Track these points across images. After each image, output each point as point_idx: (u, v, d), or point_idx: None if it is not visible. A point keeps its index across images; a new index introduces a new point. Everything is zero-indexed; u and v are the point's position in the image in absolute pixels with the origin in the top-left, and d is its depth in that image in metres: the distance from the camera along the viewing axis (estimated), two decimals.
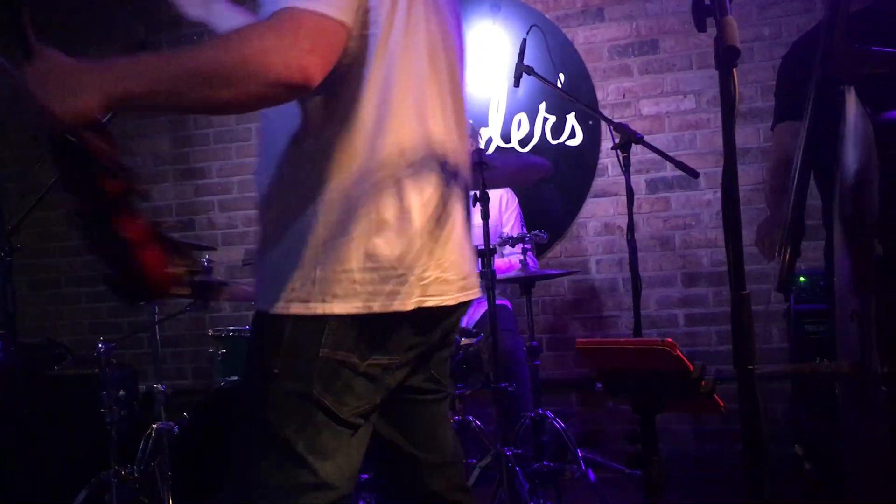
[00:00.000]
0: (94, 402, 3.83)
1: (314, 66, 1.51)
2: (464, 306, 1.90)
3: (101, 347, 3.77)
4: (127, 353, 5.09)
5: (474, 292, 1.91)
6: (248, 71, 1.47)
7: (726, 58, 1.40)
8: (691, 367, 1.93)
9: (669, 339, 1.94)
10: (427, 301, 1.73)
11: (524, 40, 4.19)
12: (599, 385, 2.40)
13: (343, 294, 1.65)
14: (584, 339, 2.30)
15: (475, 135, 4.63)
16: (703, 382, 1.92)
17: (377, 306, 1.67)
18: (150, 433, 3.79)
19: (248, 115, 4.36)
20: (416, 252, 1.71)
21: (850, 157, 2.28)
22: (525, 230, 4.20)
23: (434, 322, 1.81)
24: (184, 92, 1.49)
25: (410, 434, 1.91)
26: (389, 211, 1.68)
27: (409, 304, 1.70)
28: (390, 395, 1.79)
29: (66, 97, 1.46)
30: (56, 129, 1.50)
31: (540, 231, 3.98)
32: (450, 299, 1.80)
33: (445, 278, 1.78)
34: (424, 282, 1.73)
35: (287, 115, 1.67)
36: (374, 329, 1.69)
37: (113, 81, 1.47)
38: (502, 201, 4.50)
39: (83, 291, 5.82)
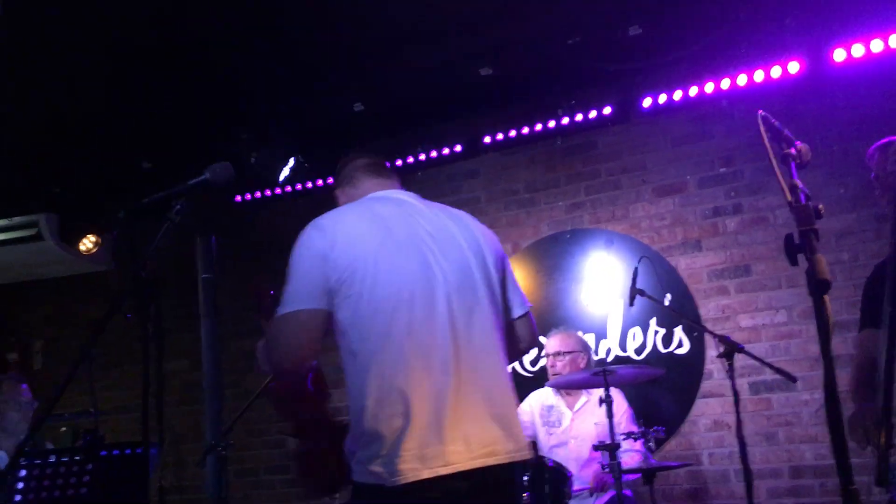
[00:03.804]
0: None
1: (299, 356, 2.07)
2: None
3: None
4: None
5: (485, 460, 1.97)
6: (271, 363, 2.10)
7: (819, 288, 1.42)
8: None
9: None
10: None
11: (636, 268, 4.27)
12: None
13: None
14: None
15: (586, 349, 4.57)
16: None
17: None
18: None
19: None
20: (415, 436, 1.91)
21: None
22: (635, 426, 4.04)
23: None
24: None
25: None
26: (397, 405, 1.93)
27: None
28: None
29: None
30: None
31: (658, 427, 3.87)
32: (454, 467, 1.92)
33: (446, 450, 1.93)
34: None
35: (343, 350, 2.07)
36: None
37: None
38: (616, 401, 4.41)
39: (277, 479, 5.91)
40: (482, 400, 2.01)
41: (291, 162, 5.31)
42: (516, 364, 5.31)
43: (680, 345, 4.95)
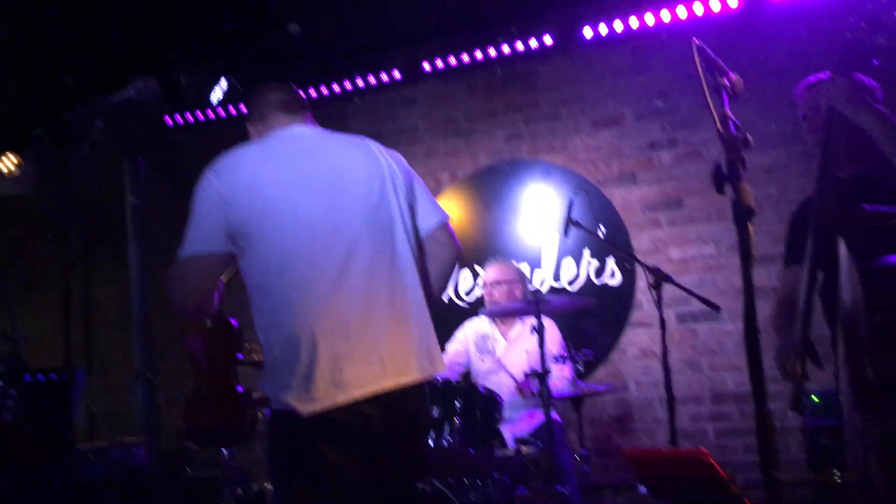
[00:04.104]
0: (216, 500, 3.85)
1: (200, 297, 2.11)
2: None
3: (225, 452, 3.81)
4: (242, 457, 5.10)
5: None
6: (174, 303, 2.13)
7: (743, 216, 1.44)
8: (724, 473, 1.90)
9: (704, 448, 1.92)
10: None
11: (571, 199, 4.31)
12: (643, 488, 2.35)
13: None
14: (632, 448, 2.28)
15: (523, 279, 4.61)
16: (733, 486, 1.88)
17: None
18: None
19: None
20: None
21: (846, 295, 2.28)
22: (566, 353, 4.10)
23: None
24: None
25: None
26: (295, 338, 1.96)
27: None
28: None
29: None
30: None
31: (587, 350, 3.95)
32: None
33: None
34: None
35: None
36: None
37: None
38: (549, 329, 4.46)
39: None
40: (395, 325, 2.06)
41: (224, 83, 5.13)
42: (451, 294, 5.35)
43: (612, 276, 5.05)
